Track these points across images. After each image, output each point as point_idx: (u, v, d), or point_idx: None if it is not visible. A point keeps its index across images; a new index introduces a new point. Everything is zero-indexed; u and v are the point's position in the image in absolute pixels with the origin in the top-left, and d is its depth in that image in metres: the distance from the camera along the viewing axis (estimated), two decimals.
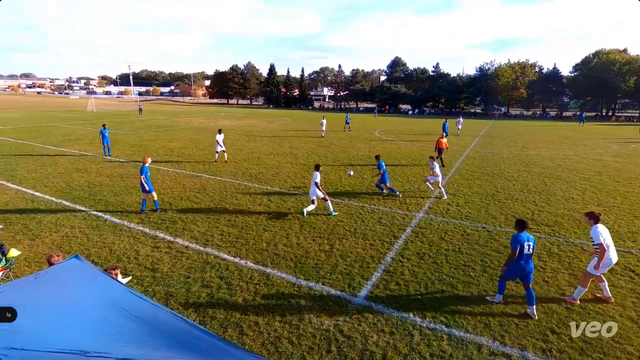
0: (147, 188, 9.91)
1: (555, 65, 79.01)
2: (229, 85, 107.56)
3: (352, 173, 12.68)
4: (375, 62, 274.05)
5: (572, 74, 74.64)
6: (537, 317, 5.71)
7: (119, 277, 5.37)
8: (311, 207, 10.20)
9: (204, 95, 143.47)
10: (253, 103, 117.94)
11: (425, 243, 8.52)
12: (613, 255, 5.98)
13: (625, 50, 70.26)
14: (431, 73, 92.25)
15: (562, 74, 77.16)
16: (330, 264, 7.41)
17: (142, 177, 9.80)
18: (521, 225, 5.81)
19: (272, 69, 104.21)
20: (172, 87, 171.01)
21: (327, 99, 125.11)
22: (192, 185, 13.25)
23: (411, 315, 5.77)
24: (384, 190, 12.51)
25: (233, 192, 12.52)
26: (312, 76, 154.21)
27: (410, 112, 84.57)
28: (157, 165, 16.55)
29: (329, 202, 10.33)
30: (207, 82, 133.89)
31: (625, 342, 5.16)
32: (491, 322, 5.61)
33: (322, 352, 4.92)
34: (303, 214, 10.12)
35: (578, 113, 67.71)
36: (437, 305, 6.03)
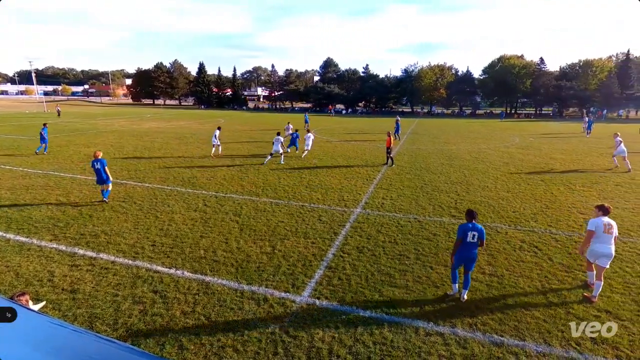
0: (105, 178, 10.99)
1: (468, 68, 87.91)
2: (155, 84, 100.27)
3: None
4: (309, 62, 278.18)
5: (482, 77, 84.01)
6: (456, 294, 6.31)
7: (30, 304, 4.69)
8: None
9: (125, 95, 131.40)
10: (182, 104, 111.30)
11: (364, 237, 8.88)
12: (599, 247, 6.12)
13: (522, 56, 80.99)
14: (361, 74, 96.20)
15: (474, 76, 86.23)
16: (273, 266, 7.34)
17: (102, 167, 10.94)
18: (469, 215, 6.17)
19: (201, 67, 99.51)
20: (87, 86, 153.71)
21: (261, 99, 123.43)
22: (115, 193, 12.08)
23: (354, 307, 5.98)
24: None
25: (164, 198, 11.70)
26: (245, 76, 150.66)
27: (344, 112, 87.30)
28: (73, 174, 14.76)
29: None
30: (129, 81, 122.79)
31: (533, 309, 5.95)
32: (425, 305, 6.06)
33: (269, 356, 4.85)
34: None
35: (499, 111, 77.29)
36: (377, 295, 6.33)
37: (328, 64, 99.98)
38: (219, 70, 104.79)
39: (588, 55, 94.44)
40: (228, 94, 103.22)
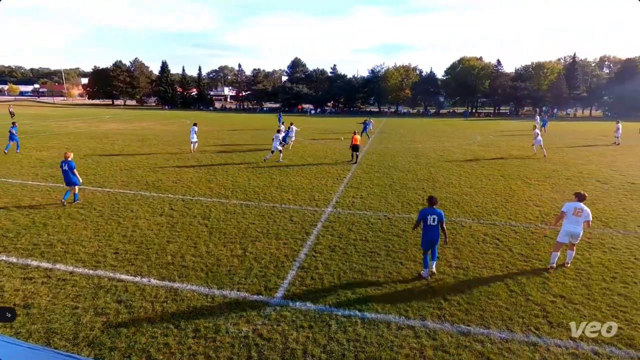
0: (73, 180, 10.77)
1: (431, 69, 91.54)
2: (114, 84, 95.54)
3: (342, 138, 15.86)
4: (276, 62, 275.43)
5: (444, 77, 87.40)
6: (427, 277, 6.87)
7: None
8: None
9: (80, 95, 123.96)
10: (144, 104, 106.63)
11: (335, 236, 8.96)
12: (568, 227, 7.09)
13: (480, 58, 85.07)
14: (329, 74, 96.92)
15: (437, 76, 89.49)
16: (245, 269, 7.22)
17: (70, 169, 10.68)
18: (429, 201, 6.93)
19: (164, 66, 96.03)
20: (37, 86, 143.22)
21: (228, 99, 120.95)
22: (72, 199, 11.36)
23: (327, 306, 6.01)
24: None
25: (127, 203, 11.17)
26: (211, 75, 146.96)
27: (313, 112, 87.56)
28: (23, 180, 13.72)
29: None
30: (85, 80, 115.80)
31: (496, 298, 6.28)
32: (397, 300, 6.21)
33: None
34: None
35: (463, 111, 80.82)
36: (350, 293, 6.41)
37: (296, 64, 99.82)
38: (183, 70, 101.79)
39: (540, 58, 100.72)
40: (193, 94, 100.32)
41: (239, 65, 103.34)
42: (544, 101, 79.08)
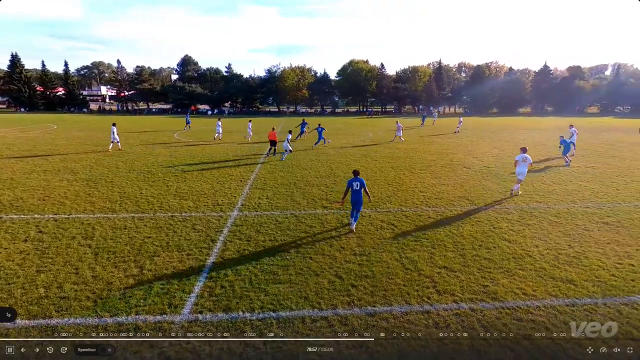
0: None
1: (325, 70, 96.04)
2: None
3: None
4: (164, 59, 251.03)
5: (337, 78, 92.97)
6: (354, 230, 9.17)
7: None
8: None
9: None
10: None
11: (244, 239, 8.73)
12: (519, 169, 12.43)
13: (367, 61, 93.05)
14: (225, 73, 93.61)
15: (330, 77, 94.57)
16: (143, 289, 6.48)
17: None
18: (353, 172, 9.31)
19: (15, 60, 79.10)
20: None
21: (107, 100, 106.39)
22: None
23: (240, 313, 5.83)
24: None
25: None
26: (83, 72, 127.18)
27: (210, 112, 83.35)
28: None
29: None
30: None
31: (395, 277, 7.00)
32: (309, 294, 6.39)
33: None
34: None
35: (368, 109, 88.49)
36: (263, 295, 6.33)
37: (187, 62, 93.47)
38: (43, 65, 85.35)
39: (415, 63, 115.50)
40: (60, 93, 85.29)
41: (118, 62, 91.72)
42: (421, 101, 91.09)
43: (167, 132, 36.15)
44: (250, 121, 31.53)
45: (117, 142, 22.40)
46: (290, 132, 22.40)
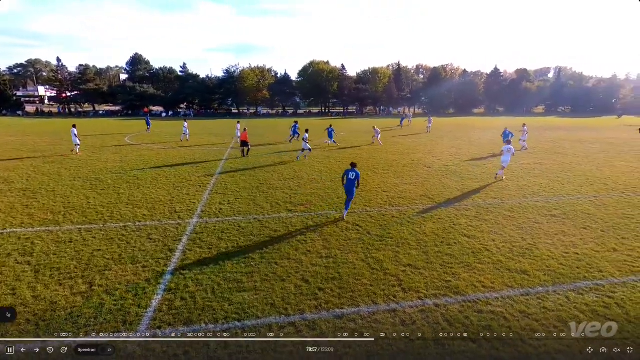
0: None
1: (285, 71, 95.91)
2: None
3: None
4: (111, 58, 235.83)
5: (298, 79, 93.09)
6: (345, 218, 10.31)
7: None
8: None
9: None
10: None
11: (205, 247, 8.45)
12: (504, 158, 14.97)
13: (328, 62, 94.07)
14: (180, 73, 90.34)
15: (292, 78, 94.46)
16: (93, 307, 6.05)
17: None
18: (351, 165, 10.56)
19: None
20: None
21: (47, 101, 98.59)
22: None
23: (203, 324, 5.63)
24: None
25: None
26: (17, 71, 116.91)
27: (164, 115, 79.95)
28: None
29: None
30: None
31: (362, 278, 7.11)
32: (275, 300, 6.32)
33: None
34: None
35: (340, 111, 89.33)
36: (227, 305, 6.16)
37: (137, 61, 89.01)
38: None
39: (375, 64, 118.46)
40: None
41: (58, 60, 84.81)
42: (382, 102, 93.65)
43: (117, 135, 34.15)
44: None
45: (77, 145, 22.06)
46: (307, 130, 22.15)
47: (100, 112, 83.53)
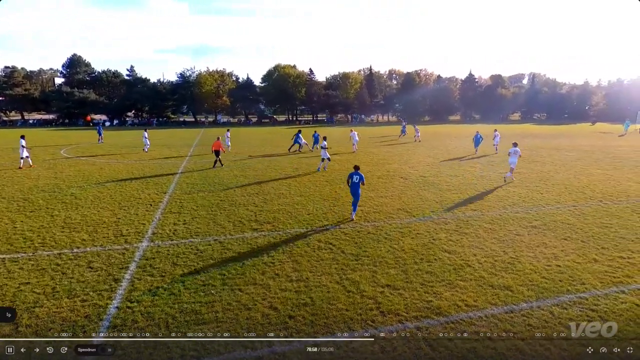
0: None
1: (248, 76, 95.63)
2: None
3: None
4: (43, 59, 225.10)
5: (262, 84, 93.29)
6: (354, 219, 11.84)
7: None
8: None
9: None
10: None
11: (157, 275, 8.10)
12: (511, 159, 17.50)
13: (294, 66, 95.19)
14: (126, 77, 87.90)
15: (255, 83, 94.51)
16: (18, 354, 5.57)
17: None
18: (354, 167, 12.13)
19: None
20: None
21: None
22: None
23: None
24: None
25: None
26: None
27: (109, 124, 77.02)
28: None
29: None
30: None
31: (337, 302, 7.08)
32: (240, 332, 6.13)
33: None
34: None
35: (309, 119, 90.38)
36: (184, 341, 5.89)
37: (75, 63, 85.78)
38: None
39: (345, 69, 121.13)
40: None
41: None
42: (353, 108, 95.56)
43: (51, 147, 32.43)
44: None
45: (28, 157, 21.96)
46: (325, 138, 22.59)
47: (30, 122, 79.11)
